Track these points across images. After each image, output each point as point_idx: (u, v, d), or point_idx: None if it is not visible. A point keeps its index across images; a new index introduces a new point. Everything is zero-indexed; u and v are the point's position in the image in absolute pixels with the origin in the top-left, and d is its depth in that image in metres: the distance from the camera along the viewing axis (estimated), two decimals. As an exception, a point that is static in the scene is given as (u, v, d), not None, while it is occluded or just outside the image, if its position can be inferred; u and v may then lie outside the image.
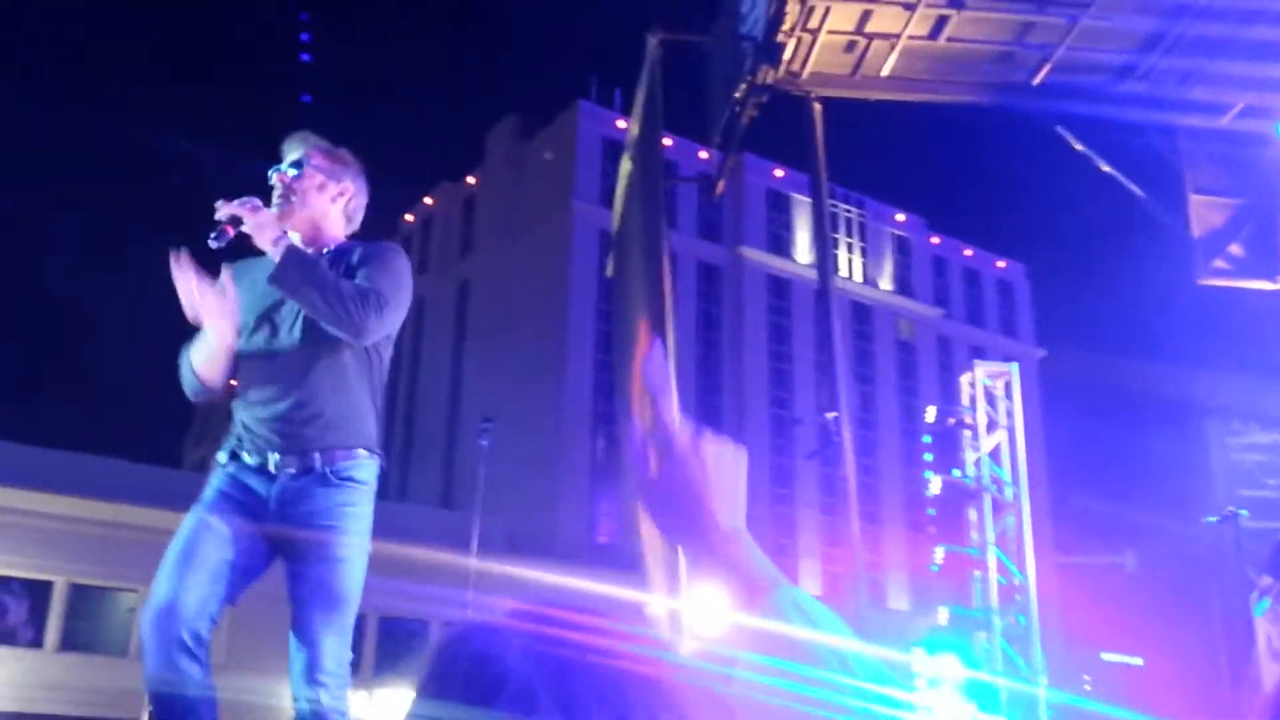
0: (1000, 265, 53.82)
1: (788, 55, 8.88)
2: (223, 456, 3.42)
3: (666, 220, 9.43)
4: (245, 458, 3.37)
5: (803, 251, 46.62)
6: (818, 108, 9.16)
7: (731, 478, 1.13)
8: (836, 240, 46.82)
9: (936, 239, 52.02)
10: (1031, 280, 54.52)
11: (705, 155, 34.73)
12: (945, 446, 14.47)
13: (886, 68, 9.27)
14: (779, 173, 46.98)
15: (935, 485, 14.00)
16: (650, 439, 1.15)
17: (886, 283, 49.89)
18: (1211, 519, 13.69)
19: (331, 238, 3.54)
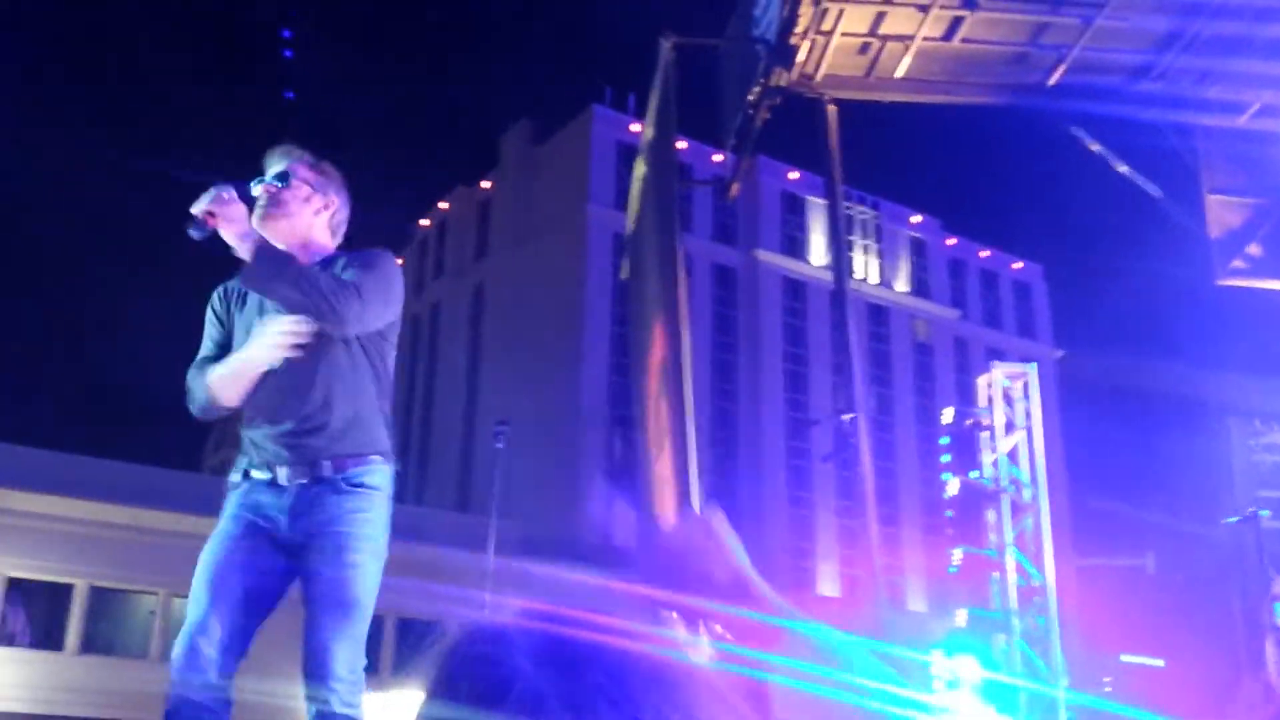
0: (1017, 266, 53.65)
1: (801, 58, 8.86)
2: (235, 477, 3.41)
3: (681, 223, 9.42)
4: (256, 474, 3.36)
5: (818, 254, 46.54)
6: (832, 110, 9.14)
7: (710, 543, 1.14)
8: (852, 242, 46.71)
9: (953, 240, 51.87)
10: (1049, 281, 54.39)
11: (719, 158, 34.66)
12: (963, 448, 14.42)
13: (901, 69, 9.25)
14: (793, 175, 46.91)
15: (953, 487, 13.96)
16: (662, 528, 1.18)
17: (903, 284, 49.76)
18: (1232, 520, 13.63)
19: (319, 249, 3.50)
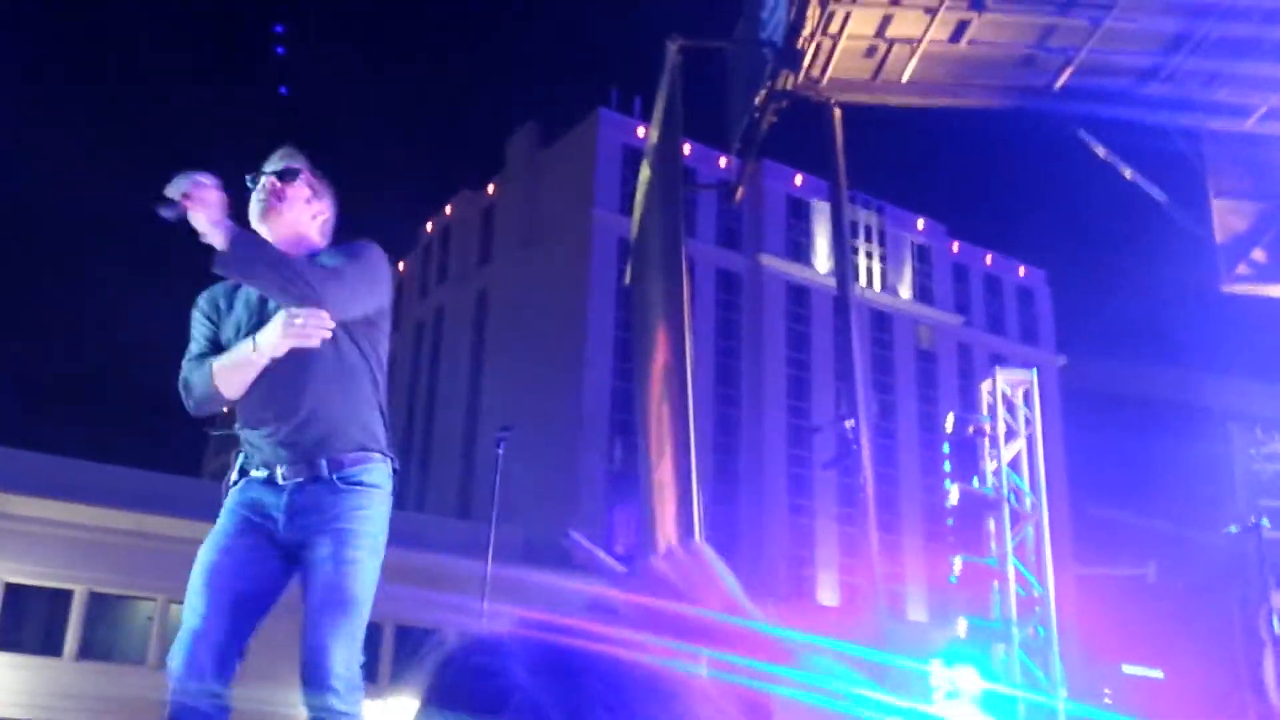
0: (1021, 272, 53.66)
1: (807, 61, 8.82)
2: (233, 476, 3.40)
3: (685, 227, 9.38)
4: (254, 473, 3.36)
5: (822, 259, 46.52)
6: (838, 113, 9.10)
7: (701, 578, 1.13)
8: (856, 247, 46.72)
9: (957, 246, 51.89)
10: (1052, 287, 54.42)
11: (725, 162, 34.71)
12: (964, 455, 14.36)
13: (907, 73, 9.21)
14: (798, 179, 46.94)
15: (954, 495, 13.90)
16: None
17: (906, 290, 49.75)
18: (1233, 529, 13.55)
19: (310, 247, 3.50)
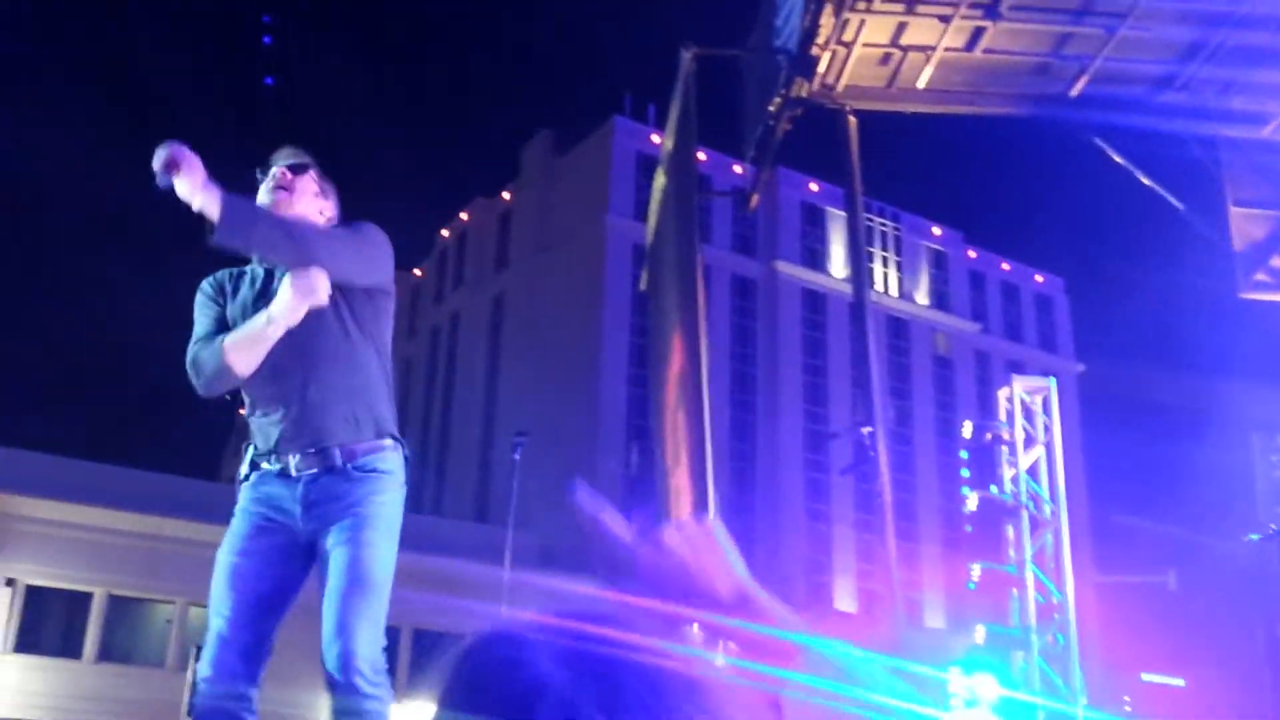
0: (1039, 279, 53.43)
1: (822, 68, 8.82)
2: (244, 470, 3.37)
3: (700, 234, 9.40)
4: (266, 465, 3.32)
5: (838, 265, 46.44)
6: (853, 121, 9.09)
7: (713, 553, 1.11)
8: (872, 254, 46.62)
9: (974, 253, 51.71)
10: (1070, 294, 54.16)
11: (739, 169, 34.72)
12: (982, 462, 14.31)
13: (922, 80, 9.20)
14: (814, 186, 46.87)
15: (972, 502, 13.85)
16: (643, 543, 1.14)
17: (923, 297, 49.61)
18: (1254, 537, 13.46)
19: None
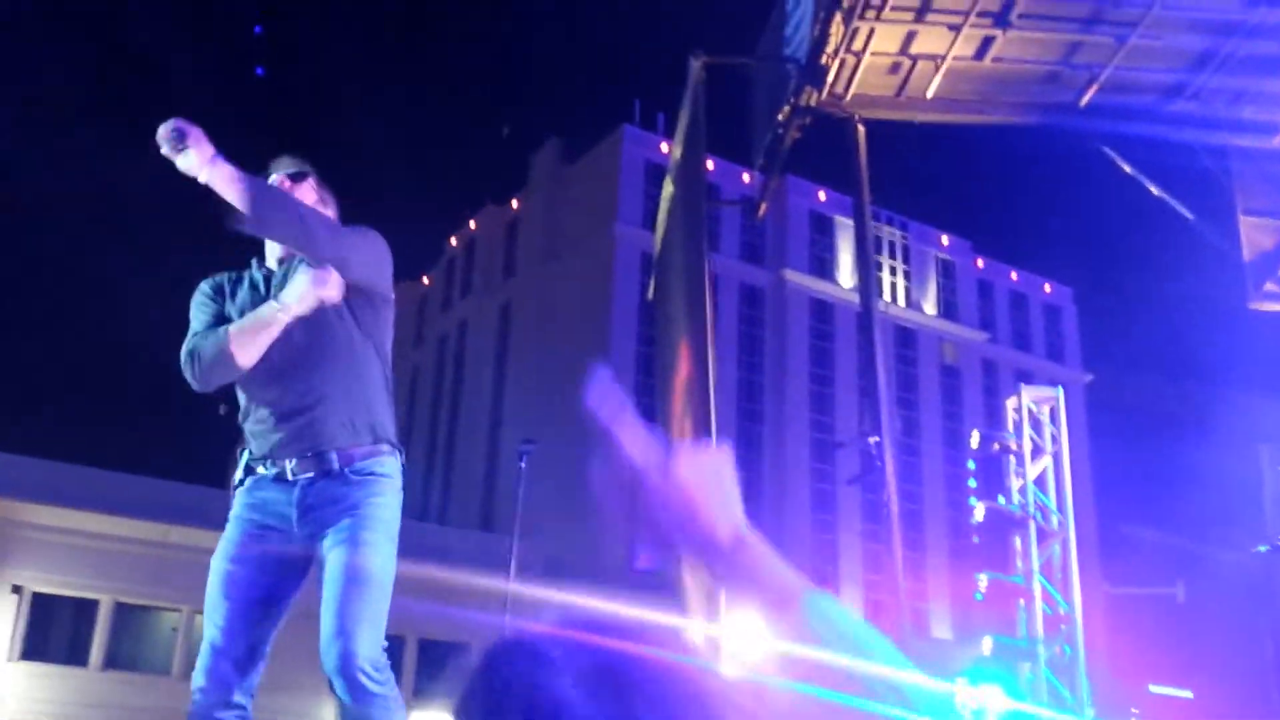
0: (1047, 289, 53.39)
1: (831, 77, 8.81)
2: (239, 474, 3.34)
3: (708, 243, 9.38)
4: (261, 470, 3.30)
5: (846, 274, 46.44)
6: (861, 130, 9.08)
7: (718, 485, 1.07)
8: (880, 263, 46.63)
9: (982, 262, 51.69)
10: (1078, 304, 54.14)
11: (748, 178, 34.73)
12: (989, 472, 14.27)
13: (931, 89, 9.18)
14: (822, 195, 46.90)
15: (979, 512, 13.81)
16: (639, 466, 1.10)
17: (931, 306, 49.58)
18: (1262, 548, 13.40)
19: None
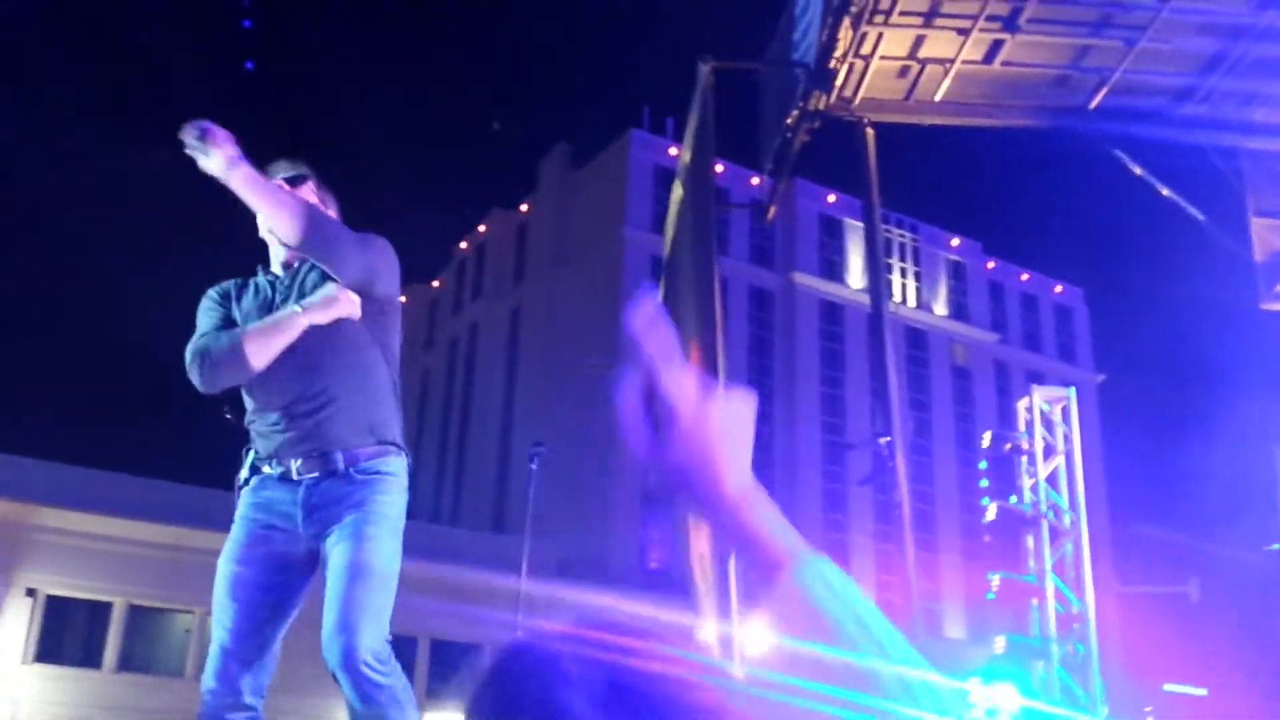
0: (1058, 290, 53.24)
1: (840, 81, 8.83)
2: (244, 475, 3.34)
3: (718, 246, 9.42)
4: (266, 469, 3.30)
5: (856, 277, 46.39)
6: (870, 133, 9.10)
7: (739, 432, 1.05)
8: (890, 265, 46.58)
9: (992, 263, 51.59)
10: (1090, 304, 53.95)
11: (757, 181, 34.61)
12: (1002, 472, 14.29)
13: (940, 92, 9.20)
14: (831, 198, 46.86)
15: (991, 512, 13.83)
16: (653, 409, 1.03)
17: (941, 308, 49.50)
18: (1275, 547, 13.39)
19: None
